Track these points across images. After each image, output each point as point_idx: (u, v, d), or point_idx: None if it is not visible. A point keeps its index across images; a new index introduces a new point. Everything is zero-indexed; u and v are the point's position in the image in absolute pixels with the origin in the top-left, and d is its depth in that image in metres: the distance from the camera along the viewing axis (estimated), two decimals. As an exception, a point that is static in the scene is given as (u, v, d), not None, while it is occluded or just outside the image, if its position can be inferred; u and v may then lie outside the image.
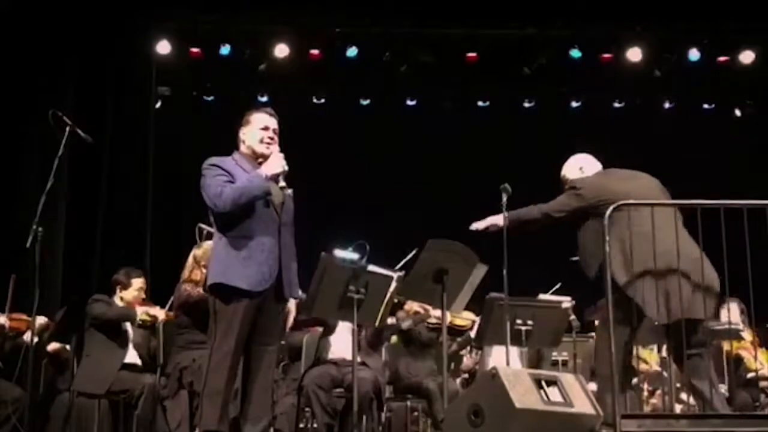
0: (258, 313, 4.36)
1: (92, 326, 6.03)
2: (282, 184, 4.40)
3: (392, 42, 9.08)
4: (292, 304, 4.63)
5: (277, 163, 4.38)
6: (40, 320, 6.10)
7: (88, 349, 6.06)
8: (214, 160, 4.45)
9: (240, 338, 4.30)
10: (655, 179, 4.92)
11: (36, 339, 6.11)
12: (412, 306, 6.63)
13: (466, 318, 6.55)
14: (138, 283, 6.22)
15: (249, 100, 8.86)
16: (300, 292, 4.68)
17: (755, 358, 6.14)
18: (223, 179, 4.36)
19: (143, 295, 6.27)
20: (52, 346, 6.48)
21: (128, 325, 6.10)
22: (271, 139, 4.50)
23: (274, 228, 4.39)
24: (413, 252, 5.48)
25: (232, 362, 4.28)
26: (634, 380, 6.30)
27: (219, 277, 4.32)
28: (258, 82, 9.23)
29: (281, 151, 4.47)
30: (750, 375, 6.40)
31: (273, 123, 4.54)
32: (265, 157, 4.46)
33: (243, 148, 4.55)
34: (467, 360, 7.40)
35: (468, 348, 7.08)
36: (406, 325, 6.54)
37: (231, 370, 4.28)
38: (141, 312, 6.02)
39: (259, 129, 4.51)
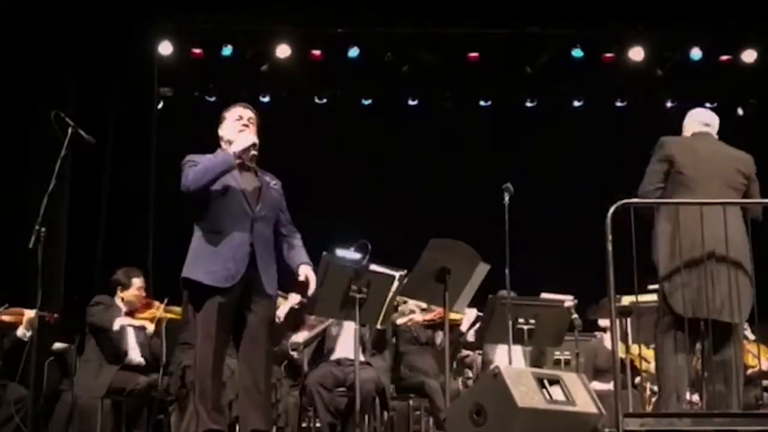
0: (240, 311, 4.36)
1: (90, 331, 6.05)
2: (253, 152, 4.40)
3: (394, 42, 9.07)
4: (305, 269, 4.52)
5: (246, 139, 4.43)
6: (30, 313, 6.04)
7: (86, 353, 6.08)
8: (191, 156, 4.50)
9: (219, 335, 4.29)
10: (744, 155, 4.78)
11: (28, 333, 6.12)
12: (408, 307, 6.63)
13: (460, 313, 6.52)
14: (138, 282, 6.22)
15: (251, 101, 8.81)
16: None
17: (757, 356, 6.13)
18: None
19: (144, 294, 6.27)
20: (57, 345, 6.49)
21: (130, 333, 6.09)
22: (246, 126, 4.54)
23: (246, 222, 4.39)
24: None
25: (215, 360, 4.29)
26: (637, 379, 6.31)
27: (186, 271, 4.38)
28: (260, 82, 9.23)
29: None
30: (749, 372, 6.38)
31: (247, 113, 4.61)
32: (245, 152, 4.46)
33: (223, 144, 4.58)
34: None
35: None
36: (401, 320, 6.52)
37: (215, 368, 4.29)
38: (120, 322, 5.95)
39: (233, 120, 4.57)
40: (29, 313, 5.84)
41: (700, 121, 4.93)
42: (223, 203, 4.38)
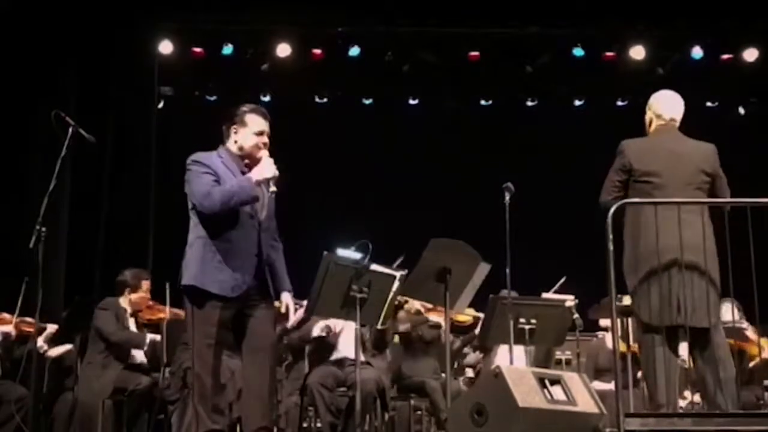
0: (244, 317, 4.34)
1: (96, 334, 6.05)
2: (273, 188, 4.35)
3: (394, 41, 9.08)
4: (287, 299, 4.55)
5: (268, 169, 4.33)
6: (51, 328, 6.15)
7: (89, 355, 6.08)
8: (199, 156, 4.40)
9: (220, 340, 4.27)
10: (705, 150, 4.72)
11: (45, 347, 6.18)
12: (413, 306, 6.62)
13: (467, 314, 6.53)
14: (146, 285, 6.27)
15: (251, 100, 8.75)
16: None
17: (758, 346, 6.12)
18: (211, 179, 4.32)
19: (149, 296, 6.28)
20: (56, 350, 6.49)
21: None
22: (265, 145, 4.44)
23: (254, 234, 4.36)
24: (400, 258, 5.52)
25: (215, 363, 4.27)
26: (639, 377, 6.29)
27: (192, 279, 4.30)
28: (260, 81, 9.23)
29: (277, 151, 4.44)
30: (753, 363, 6.35)
31: (267, 127, 4.48)
32: (253, 159, 4.41)
33: (232, 145, 4.48)
34: (471, 357, 7.38)
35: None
36: (403, 327, 6.53)
37: (215, 369, 4.27)
38: (149, 338, 6.07)
39: (253, 133, 4.43)
40: (50, 328, 6.18)
41: (666, 114, 4.85)
42: (234, 215, 4.32)
